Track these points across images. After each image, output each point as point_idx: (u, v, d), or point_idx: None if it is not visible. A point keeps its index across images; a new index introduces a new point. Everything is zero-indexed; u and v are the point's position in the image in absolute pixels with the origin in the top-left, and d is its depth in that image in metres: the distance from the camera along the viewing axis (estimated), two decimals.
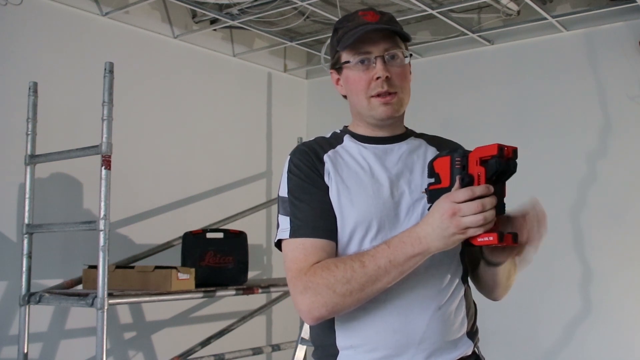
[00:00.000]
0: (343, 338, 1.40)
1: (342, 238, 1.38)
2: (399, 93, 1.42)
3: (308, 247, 1.35)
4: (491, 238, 1.21)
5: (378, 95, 1.41)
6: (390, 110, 1.42)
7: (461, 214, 1.19)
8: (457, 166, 1.26)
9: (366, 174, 1.42)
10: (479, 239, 1.22)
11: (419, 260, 1.27)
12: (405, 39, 1.44)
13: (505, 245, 1.24)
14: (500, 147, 1.21)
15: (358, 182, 1.40)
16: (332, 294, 1.28)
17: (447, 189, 1.25)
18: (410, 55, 1.46)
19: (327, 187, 1.40)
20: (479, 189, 1.20)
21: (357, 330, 1.38)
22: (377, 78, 1.40)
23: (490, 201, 1.20)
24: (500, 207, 1.25)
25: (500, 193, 1.25)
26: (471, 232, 1.20)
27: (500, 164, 1.21)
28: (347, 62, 1.43)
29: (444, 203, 1.22)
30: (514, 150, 1.23)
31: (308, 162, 1.42)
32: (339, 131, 1.53)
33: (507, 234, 1.23)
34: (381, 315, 1.36)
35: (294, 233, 1.37)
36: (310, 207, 1.37)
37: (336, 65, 1.48)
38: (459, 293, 1.43)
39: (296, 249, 1.36)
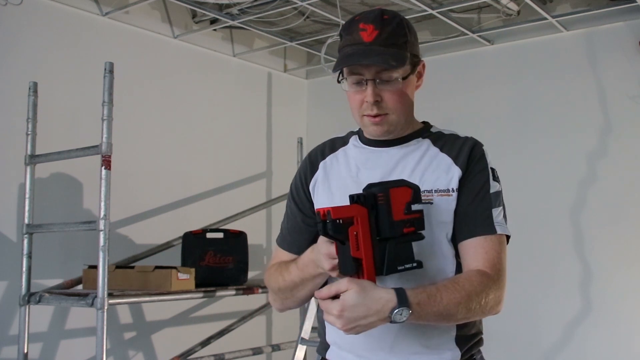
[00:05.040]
0: (329, 334, 1.48)
1: None
2: (390, 114, 1.39)
3: (278, 253, 1.57)
4: None
5: (368, 115, 1.41)
6: (380, 130, 1.42)
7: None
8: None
9: (352, 178, 1.45)
10: None
11: (325, 276, 1.37)
12: (395, 66, 1.35)
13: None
14: (317, 212, 1.22)
15: (342, 188, 1.44)
16: (273, 294, 1.51)
17: None
18: (406, 77, 1.39)
19: (308, 201, 1.52)
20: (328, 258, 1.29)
21: (337, 330, 1.39)
22: (367, 101, 1.38)
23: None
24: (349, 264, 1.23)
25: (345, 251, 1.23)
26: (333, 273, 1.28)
27: (320, 228, 1.21)
28: (345, 79, 1.41)
29: (319, 246, 1.30)
30: (327, 212, 1.20)
31: (303, 175, 1.54)
32: (355, 130, 1.56)
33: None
34: None
35: (277, 238, 1.59)
36: (288, 220, 1.57)
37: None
38: None
39: (274, 250, 1.60)
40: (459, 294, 1.27)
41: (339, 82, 1.43)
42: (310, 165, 1.53)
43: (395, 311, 1.19)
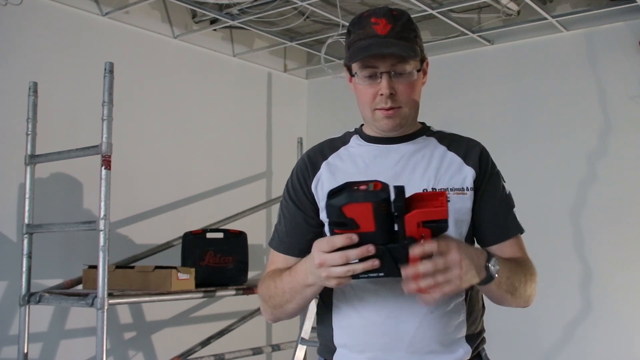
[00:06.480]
0: (339, 336, 1.43)
1: None
2: (404, 107, 1.40)
3: (273, 257, 1.50)
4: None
5: (382, 108, 1.40)
6: (392, 123, 1.41)
7: (328, 264, 1.16)
8: (382, 212, 1.13)
9: (361, 175, 1.42)
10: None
11: (314, 289, 1.30)
12: (414, 56, 1.38)
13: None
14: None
15: None
16: (265, 305, 1.45)
17: (374, 234, 1.13)
18: (419, 70, 1.42)
19: (310, 202, 1.45)
20: (339, 241, 1.14)
21: (350, 331, 1.40)
22: (382, 94, 1.38)
23: (356, 252, 1.13)
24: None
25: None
26: (344, 281, 1.18)
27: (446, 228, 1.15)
28: (356, 73, 1.41)
29: (313, 250, 1.20)
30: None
31: (302, 176, 1.48)
32: (352, 130, 1.54)
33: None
34: (371, 317, 1.37)
35: (270, 242, 1.52)
36: (285, 222, 1.49)
37: (348, 68, 1.45)
38: (458, 297, 1.40)
39: (270, 256, 1.52)
40: (521, 272, 1.40)
41: (352, 75, 1.43)
42: (310, 166, 1.49)
43: (490, 263, 1.26)
